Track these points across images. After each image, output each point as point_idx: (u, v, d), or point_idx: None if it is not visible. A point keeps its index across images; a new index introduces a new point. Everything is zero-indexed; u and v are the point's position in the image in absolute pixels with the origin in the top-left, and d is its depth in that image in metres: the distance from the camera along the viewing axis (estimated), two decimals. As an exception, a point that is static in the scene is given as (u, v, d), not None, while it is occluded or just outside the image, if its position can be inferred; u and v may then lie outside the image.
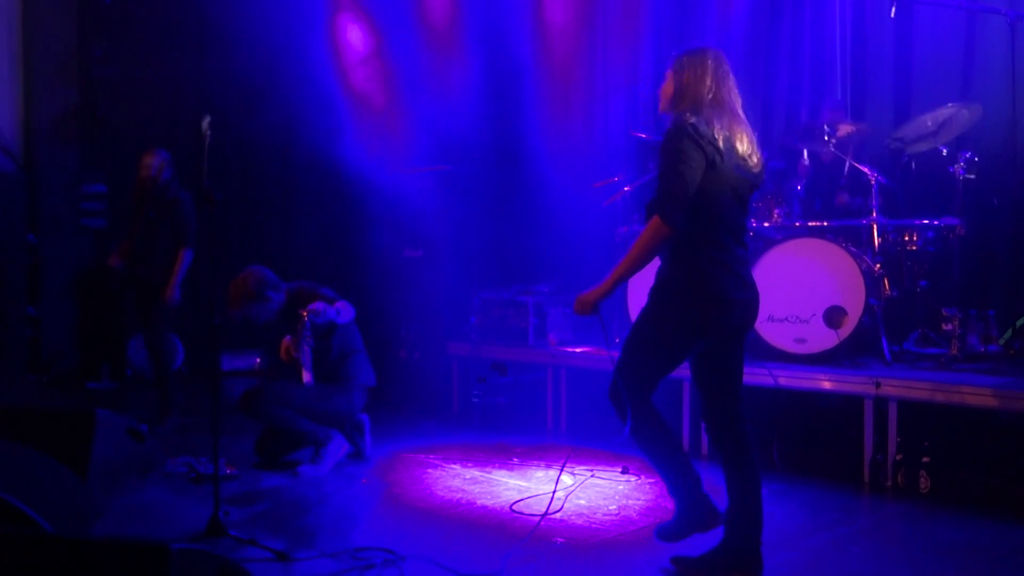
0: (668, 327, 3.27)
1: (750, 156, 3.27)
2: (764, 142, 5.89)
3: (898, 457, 4.49)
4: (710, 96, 3.25)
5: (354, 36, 7.85)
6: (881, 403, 4.59)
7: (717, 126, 3.19)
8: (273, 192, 8.46)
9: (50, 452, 3.63)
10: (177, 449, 4.97)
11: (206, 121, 3.88)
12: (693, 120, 3.18)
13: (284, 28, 7.61)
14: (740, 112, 3.32)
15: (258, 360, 8.17)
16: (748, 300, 3.29)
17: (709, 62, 3.29)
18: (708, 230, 3.22)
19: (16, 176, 7.13)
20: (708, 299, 3.21)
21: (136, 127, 7.68)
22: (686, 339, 3.28)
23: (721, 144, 3.17)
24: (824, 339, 4.99)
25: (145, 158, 5.84)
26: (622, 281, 3.36)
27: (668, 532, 3.42)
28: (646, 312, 3.35)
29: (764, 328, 5.19)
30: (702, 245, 3.23)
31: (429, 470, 4.83)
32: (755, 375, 4.98)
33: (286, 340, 4.88)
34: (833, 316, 4.99)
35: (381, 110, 7.62)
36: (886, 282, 5.20)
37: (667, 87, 3.36)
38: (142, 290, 5.85)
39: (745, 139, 3.26)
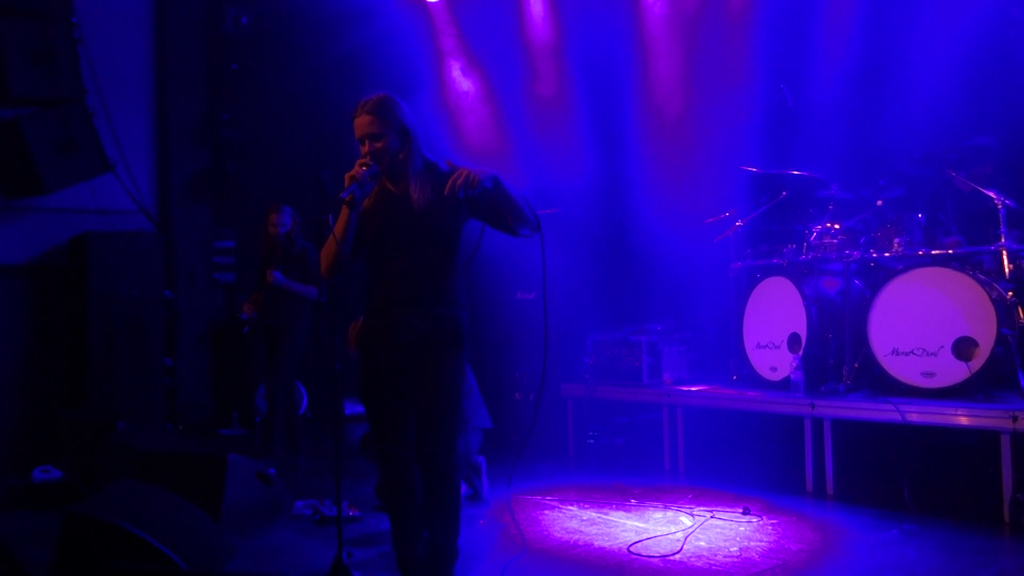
0: (463, 367, 3.30)
1: None
2: (881, 169, 5.74)
3: (1042, 496, 4.23)
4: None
5: (463, 84, 8.10)
6: (1019, 438, 4.33)
7: None
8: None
9: (185, 494, 3.83)
10: (302, 492, 5.14)
11: (323, 175, 4.07)
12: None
13: (397, 79, 7.91)
14: None
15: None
16: None
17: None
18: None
19: (154, 235, 7.60)
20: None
21: (261, 184, 8.10)
22: None
23: None
24: (954, 372, 4.77)
25: (271, 215, 6.15)
26: None
27: None
28: (449, 362, 3.25)
29: (888, 362, 5.01)
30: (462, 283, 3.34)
31: (546, 511, 4.83)
32: (881, 411, 4.80)
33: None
34: (963, 347, 4.76)
35: (490, 154, 7.79)
36: (1020, 311, 4.93)
37: (389, 139, 3.28)
38: (273, 340, 6.14)
39: None
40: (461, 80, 8.13)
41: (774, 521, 4.48)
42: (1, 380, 6.85)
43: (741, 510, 4.65)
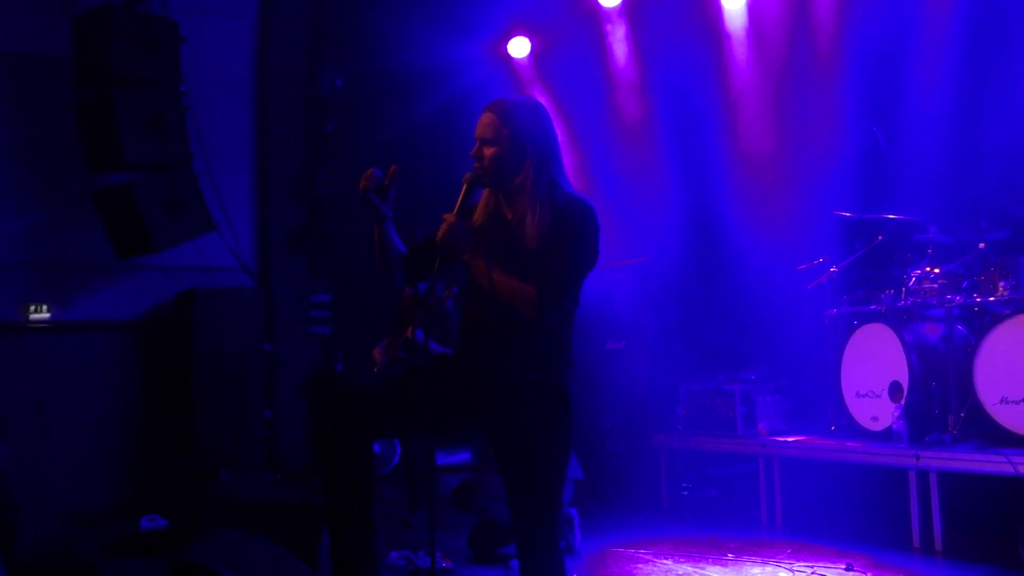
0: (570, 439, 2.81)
1: None
2: (982, 210, 5.56)
3: None
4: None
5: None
6: None
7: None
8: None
9: (285, 543, 3.92)
10: (396, 543, 5.19)
11: (417, 233, 4.17)
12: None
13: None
14: None
15: (470, 455, 8.40)
16: None
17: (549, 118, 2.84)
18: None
19: (254, 290, 7.88)
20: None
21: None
22: None
23: None
24: (1070, 421, 4.54)
25: None
26: None
27: None
28: (553, 432, 2.77)
29: (997, 411, 4.80)
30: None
31: (640, 565, 4.76)
32: (991, 463, 4.60)
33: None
34: (1078, 395, 4.54)
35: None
36: None
37: (504, 148, 2.79)
38: None
39: None
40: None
41: (879, 578, 4.31)
42: (112, 430, 7.15)
43: (844, 566, 4.49)
